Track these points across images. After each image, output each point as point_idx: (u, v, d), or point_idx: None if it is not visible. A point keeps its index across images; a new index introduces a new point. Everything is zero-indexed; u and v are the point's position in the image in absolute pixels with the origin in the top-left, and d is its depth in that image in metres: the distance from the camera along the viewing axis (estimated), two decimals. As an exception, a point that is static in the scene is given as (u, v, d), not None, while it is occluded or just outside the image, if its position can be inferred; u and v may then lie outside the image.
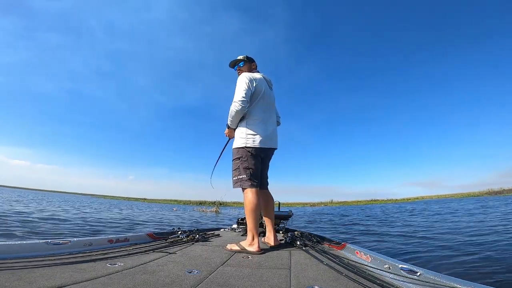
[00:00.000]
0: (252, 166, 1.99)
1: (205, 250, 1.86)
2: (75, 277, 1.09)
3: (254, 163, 2.00)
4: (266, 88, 2.14)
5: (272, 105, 2.21)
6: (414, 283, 1.11)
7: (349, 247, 1.87)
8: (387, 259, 1.40)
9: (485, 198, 28.57)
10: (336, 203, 50.52)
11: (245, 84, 1.99)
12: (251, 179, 1.96)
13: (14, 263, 1.22)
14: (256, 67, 2.32)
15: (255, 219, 1.92)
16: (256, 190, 1.97)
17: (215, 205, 18.67)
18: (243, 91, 1.97)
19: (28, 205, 10.43)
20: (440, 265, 2.65)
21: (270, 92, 2.21)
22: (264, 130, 2.04)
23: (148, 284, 1.07)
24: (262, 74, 2.22)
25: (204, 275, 1.24)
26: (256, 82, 2.05)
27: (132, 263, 1.40)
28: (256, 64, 2.32)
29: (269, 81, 2.26)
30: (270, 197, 2.22)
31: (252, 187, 1.96)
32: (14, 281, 0.99)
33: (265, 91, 2.11)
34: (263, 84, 2.12)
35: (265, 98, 2.10)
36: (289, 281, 1.19)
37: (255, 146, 1.99)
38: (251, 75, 2.08)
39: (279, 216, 3.12)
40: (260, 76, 2.15)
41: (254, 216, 1.92)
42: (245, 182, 1.96)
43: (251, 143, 1.99)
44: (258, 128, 2.03)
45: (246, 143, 2.00)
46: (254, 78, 2.05)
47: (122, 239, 1.99)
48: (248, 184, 1.96)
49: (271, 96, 2.23)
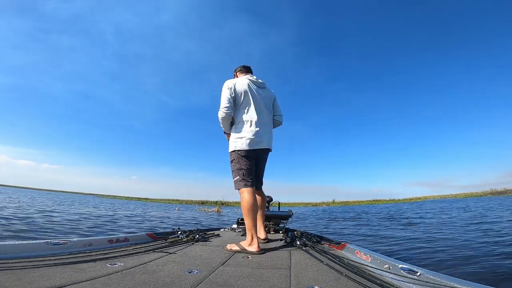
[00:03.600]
0: (244, 167, 2.03)
1: (205, 250, 1.86)
2: (75, 277, 1.10)
3: (246, 163, 2.05)
4: (251, 89, 2.14)
5: (261, 104, 2.16)
6: (414, 283, 1.10)
7: (349, 247, 1.86)
8: (387, 259, 1.39)
9: (486, 198, 28.54)
10: (338, 203, 50.37)
11: (224, 91, 2.09)
12: (244, 179, 2.01)
13: (14, 263, 1.23)
14: (244, 71, 2.34)
15: (253, 218, 1.93)
16: (251, 190, 2.00)
17: (217, 205, 18.70)
18: (223, 98, 2.07)
19: (99, 207, 11.79)
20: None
21: (259, 92, 2.18)
22: (249, 131, 2.06)
23: (148, 284, 1.07)
24: (249, 76, 2.24)
25: (204, 275, 1.24)
26: (235, 86, 2.10)
27: (132, 263, 1.40)
28: (242, 68, 2.35)
29: (257, 82, 2.24)
30: (262, 196, 2.34)
31: (246, 186, 1.99)
32: (14, 281, 0.99)
33: (250, 92, 2.12)
34: (245, 86, 2.12)
35: (250, 99, 2.11)
36: (289, 281, 1.18)
37: (243, 148, 2.04)
38: (231, 81, 2.15)
39: (279, 216, 3.11)
40: (243, 79, 2.17)
41: (251, 215, 1.93)
42: (239, 183, 2.02)
43: (239, 146, 2.05)
44: (244, 130, 2.07)
45: (235, 147, 2.07)
46: (233, 83, 2.12)
47: (122, 239, 2.00)
48: (242, 184, 2.00)
49: (262, 95, 2.20)
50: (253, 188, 2.03)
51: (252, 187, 2.02)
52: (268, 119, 2.21)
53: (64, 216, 6.76)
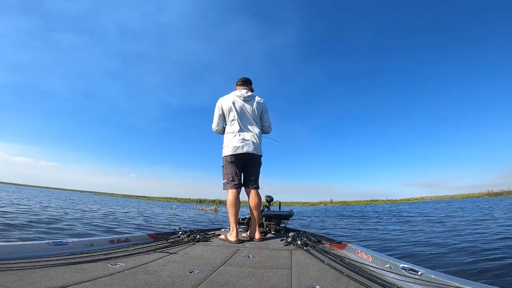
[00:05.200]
0: (230, 172, 2.44)
1: (206, 250, 1.86)
2: (77, 277, 1.09)
3: (231, 168, 2.44)
4: (236, 104, 2.52)
5: (245, 117, 2.54)
6: (415, 282, 1.11)
7: (350, 247, 1.87)
8: (389, 258, 1.40)
9: (483, 199, 28.85)
10: (336, 203, 50.53)
11: (215, 110, 2.60)
12: (228, 183, 2.43)
13: (15, 263, 1.22)
14: (240, 84, 2.67)
15: (234, 214, 2.38)
16: (234, 191, 2.40)
17: (214, 204, 18.70)
18: (214, 116, 2.61)
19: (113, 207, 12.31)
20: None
21: (245, 106, 2.55)
22: (233, 139, 2.45)
23: (149, 284, 1.07)
24: (237, 92, 2.59)
25: (205, 275, 1.24)
26: (222, 105, 2.55)
27: (133, 263, 1.40)
28: (241, 82, 2.68)
29: (243, 96, 2.57)
30: (256, 196, 2.52)
31: (230, 188, 2.41)
32: (15, 282, 0.99)
33: (234, 107, 2.50)
34: (230, 103, 2.52)
35: (235, 113, 2.50)
36: (290, 281, 1.19)
37: (227, 153, 2.45)
38: (220, 99, 2.59)
39: (279, 216, 3.11)
40: (230, 96, 2.57)
41: (232, 211, 2.39)
42: (225, 185, 2.46)
43: (225, 152, 2.48)
44: (229, 139, 2.48)
45: (223, 153, 2.51)
46: (221, 102, 2.57)
47: (123, 240, 1.99)
48: (228, 186, 2.43)
49: (247, 108, 2.56)
50: (237, 190, 2.43)
51: (236, 189, 2.42)
52: (253, 128, 2.54)
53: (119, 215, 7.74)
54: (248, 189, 2.53)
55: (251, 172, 2.54)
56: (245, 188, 2.54)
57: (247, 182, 2.53)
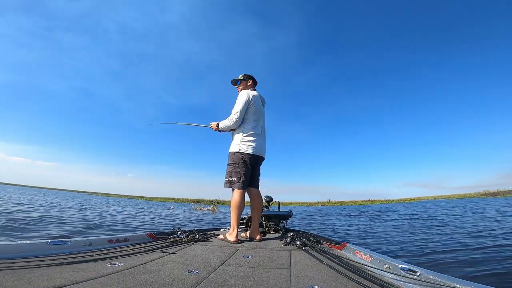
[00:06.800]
0: (243, 172, 2.35)
1: (205, 250, 1.86)
2: (75, 277, 1.09)
3: (245, 168, 2.36)
4: (261, 106, 2.54)
5: (263, 120, 2.59)
6: (414, 283, 1.11)
7: (349, 247, 1.88)
8: (387, 259, 1.40)
9: (479, 199, 29.04)
10: (334, 203, 50.70)
11: (244, 101, 2.40)
12: (238, 182, 2.33)
13: (14, 263, 1.22)
14: (253, 84, 2.65)
15: (237, 214, 2.32)
16: (242, 192, 2.34)
17: (212, 204, 18.66)
18: (240, 107, 2.39)
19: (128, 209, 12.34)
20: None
21: (262, 109, 2.59)
22: (255, 140, 2.42)
23: (148, 284, 1.07)
24: (258, 92, 2.58)
25: (204, 275, 1.24)
26: (254, 99, 2.46)
27: (132, 263, 1.40)
28: (253, 81, 2.64)
29: (263, 99, 2.63)
30: (259, 196, 2.54)
31: (239, 188, 2.33)
32: (14, 281, 0.98)
33: (260, 109, 2.51)
34: (259, 102, 2.52)
35: (259, 113, 2.49)
36: (289, 281, 1.19)
37: (247, 152, 2.36)
38: (250, 92, 2.48)
39: (279, 216, 3.12)
40: (256, 94, 2.53)
41: (236, 212, 2.32)
42: (235, 184, 2.34)
43: (244, 150, 2.37)
44: (252, 138, 2.41)
45: (240, 149, 2.38)
46: (252, 95, 2.46)
47: (122, 239, 1.99)
48: (237, 186, 2.33)
49: (263, 112, 2.61)
50: (244, 191, 2.36)
51: (243, 190, 2.35)
52: (265, 133, 2.61)
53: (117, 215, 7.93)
54: (252, 189, 2.51)
55: (258, 173, 2.58)
56: (248, 188, 2.51)
57: (253, 183, 2.52)
